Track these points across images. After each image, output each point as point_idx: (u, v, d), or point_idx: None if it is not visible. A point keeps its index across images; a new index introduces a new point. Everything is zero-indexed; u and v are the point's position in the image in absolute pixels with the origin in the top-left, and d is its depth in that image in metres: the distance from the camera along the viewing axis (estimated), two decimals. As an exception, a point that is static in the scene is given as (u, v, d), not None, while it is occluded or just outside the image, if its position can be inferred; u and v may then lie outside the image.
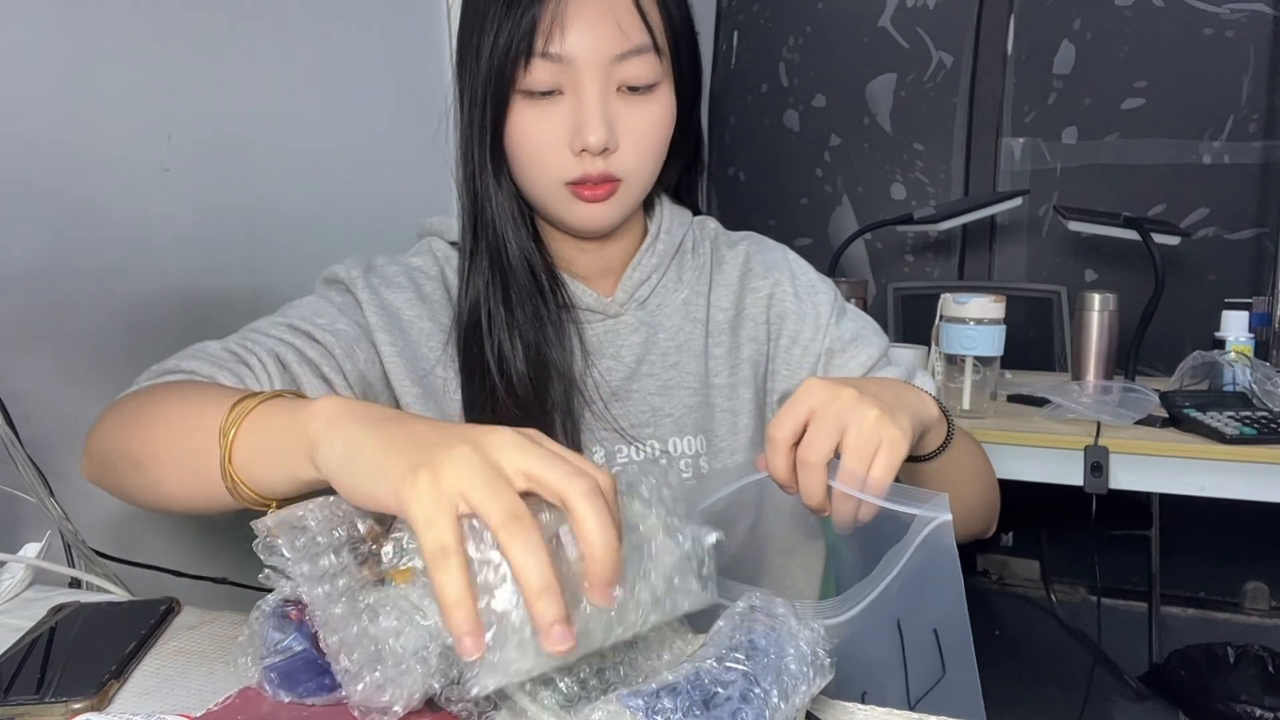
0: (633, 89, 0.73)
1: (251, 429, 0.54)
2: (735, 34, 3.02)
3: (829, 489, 0.61)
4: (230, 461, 0.54)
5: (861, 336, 0.87)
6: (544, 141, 0.73)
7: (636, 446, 0.80)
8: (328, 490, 0.50)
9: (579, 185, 0.74)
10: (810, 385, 0.63)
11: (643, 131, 0.74)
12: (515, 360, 0.76)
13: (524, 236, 0.79)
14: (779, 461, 0.63)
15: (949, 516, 0.59)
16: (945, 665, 0.62)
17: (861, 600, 0.59)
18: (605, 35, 0.70)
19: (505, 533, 0.42)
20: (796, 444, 0.62)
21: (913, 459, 0.73)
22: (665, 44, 0.74)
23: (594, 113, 0.71)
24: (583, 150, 0.72)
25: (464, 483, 0.43)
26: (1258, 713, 1.84)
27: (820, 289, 0.88)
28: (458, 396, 0.79)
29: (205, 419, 0.56)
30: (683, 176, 0.88)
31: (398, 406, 0.78)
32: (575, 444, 0.77)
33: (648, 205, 0.87)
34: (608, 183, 0.74)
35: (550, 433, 0.76)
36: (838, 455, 0.61)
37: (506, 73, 0.71)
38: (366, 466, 0.47)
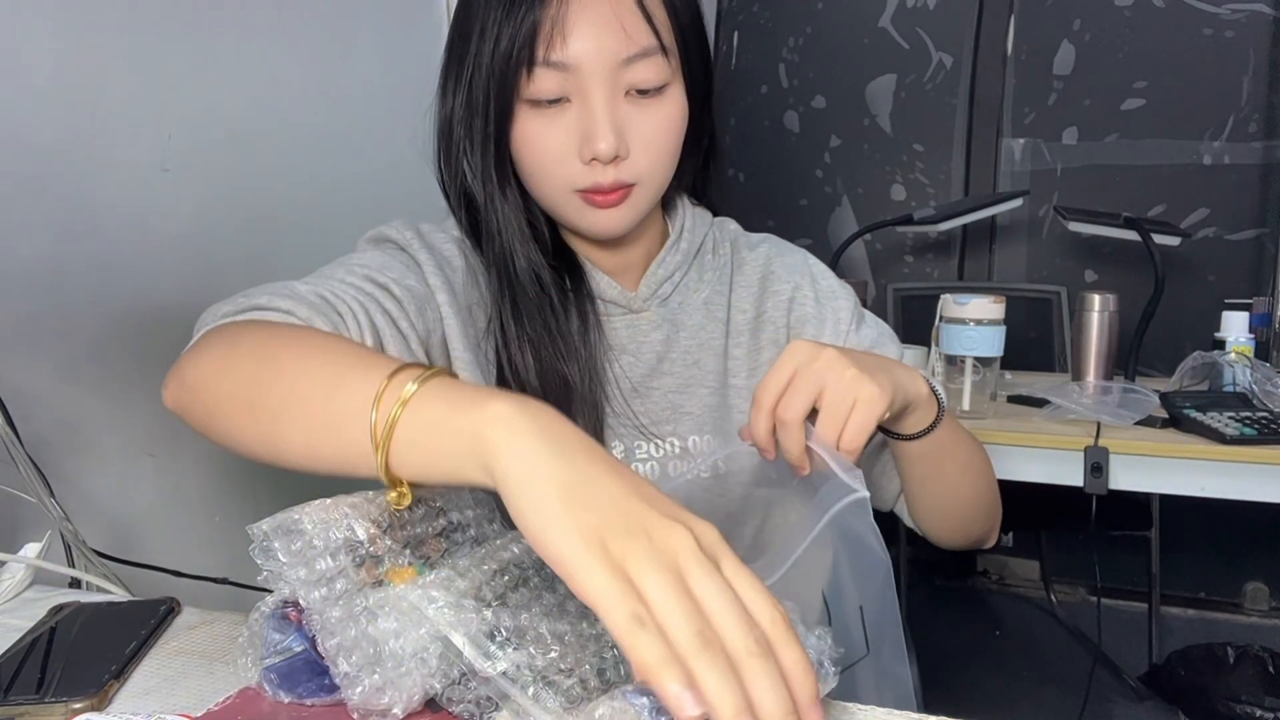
0: (641, 92, 0.71)
1: (415, 414, 0.48)
2: (735, 34, 3.02)
3: (809, 450, 0.63)
4: (389, 440, 0.48)
5: (879, 345, 0.87)
6: (552, 150, 0.71)
7: (656, 443, 0.80)
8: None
9: (591, 192, 0.73)
10: (794, 347, 0.65)
11: (654, 135, 0.72)
12: (529, 375, 0.75)
13: (531, 249, 0.77)
14: (760, 423, 0.64)
15: (865, 493, 0.60)
16: (869, 645, 0.63)
17: (782, 566, 0.60)
18: (609, 40, 0.68)
19: (696, 659, 0.38)
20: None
21: (898, 436, 0.74)
22: (673, 43, 0.72)
23: (602, 121, 0.69)
24: (593, 159, 0.70)
25: (649, 586, 0.40)
26: (1258, 713, 1.84)
27: (841, 295, 0.88)
28: None
29: (350, 382, 0.51)
30: (698, 174, 0.87)
31: (451, 368, 0.75)
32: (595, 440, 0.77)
33: (668, 205, 0.86)
34: (620, 189, 0.73)
35: None
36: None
37: (509, 81, 0.70)
38: (542, 508, 0.42)
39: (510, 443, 0.44)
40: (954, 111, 2.78)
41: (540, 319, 0.76)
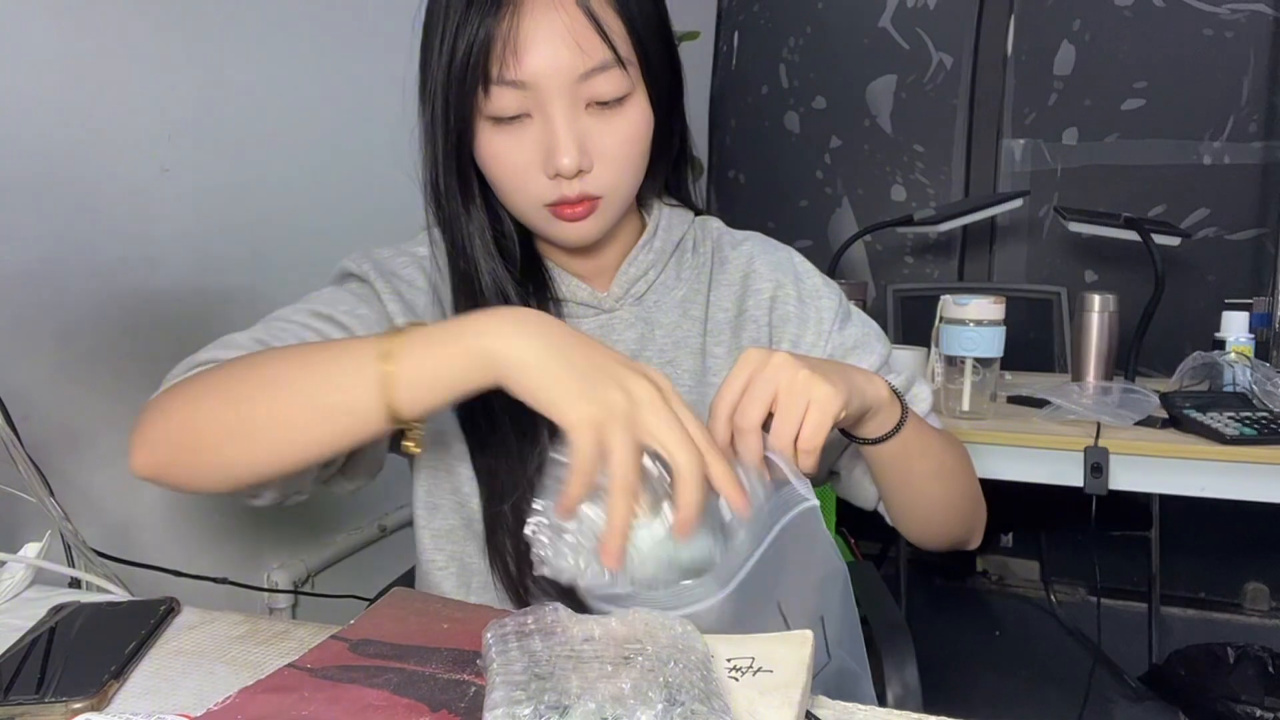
0: (602, 104, 0.70)
1: (410, 357, 0.57)
2: (735, 35, 3.02)
3: (767, 460, 0.62)
4: (392, 389, 0.57)
5: (863, 344, 0.86)
6: (517, 166, 0.71)
7: None
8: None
9: (558, 206, 0.72)
10: (746, 355, 0.65)
11: (617, 147, 0.72)
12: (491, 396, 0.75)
13: (497, 264, 0.77)
14: (717, 433, 0.64)
15: (815, 502, 0.60)
16: (830, 653, 0.63)
17: (733, 580, 0.59)
18: (564, 56, 0.67)
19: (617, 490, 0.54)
20: None
21: (862, 441, 0.74)
22: (631, 53, 0.70)
23: (564, 137, 0.68)
24: (556, 174, 0.70)
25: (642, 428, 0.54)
26: (1258, 713, 1.84)
27: (824, 293, 0.87)
28: None
29: (336, 363, 0.60)
30: (672, 175, 0.86)
31: None
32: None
33: (644, 204, 0.85)
34: (586, 201, 0.72)
35: (537, 444, 0.74)
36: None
37: (465, 98, 0.69)
38: (549, 388, 0.55)
39: (509, 349, 0.56)
40: (954, 112, 2.78)
41: None
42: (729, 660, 0.54)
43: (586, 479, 0.54)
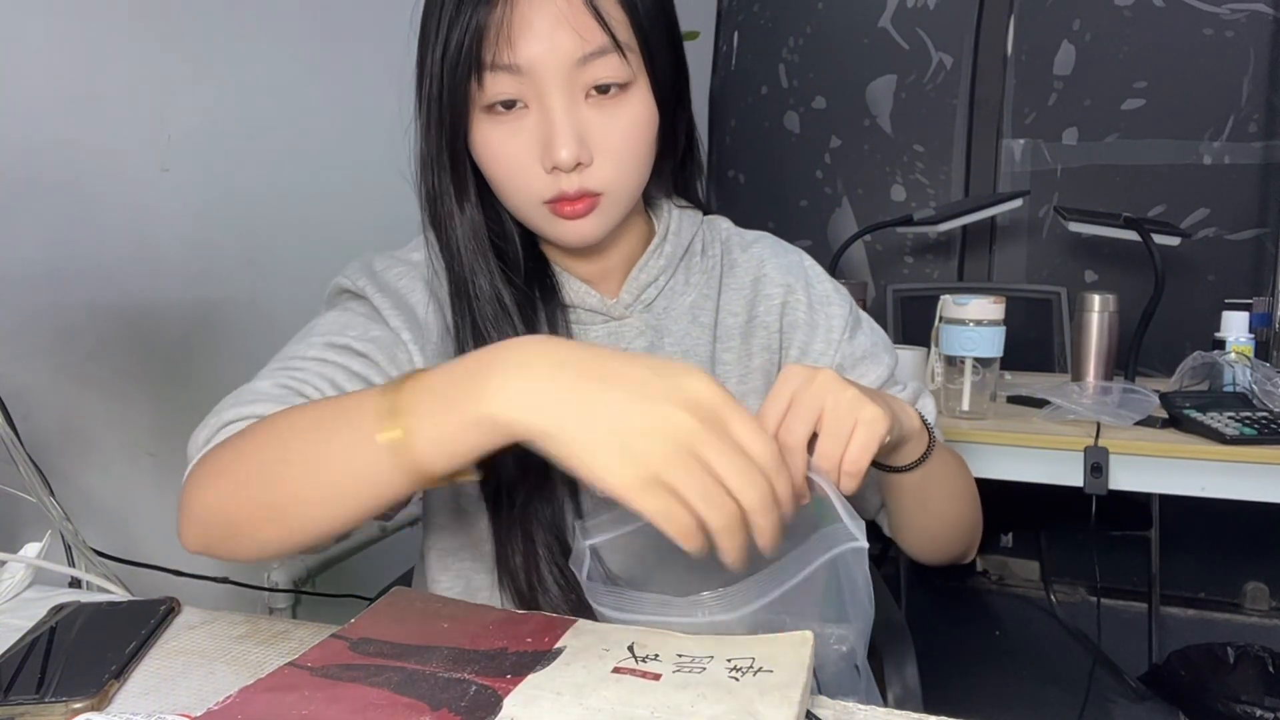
0: (602, 90, 0.67)
1: (422, 422, 0.52)
2: (735, 34, 3.02)
3: (809, 480, 0.61)
4: (412, 457, 0.52)
5: (872, 355, 0.84)
6: (514, 159, 0.69)
7: None
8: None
9: (557, 203, 0.70)
10: (789, 371, 0.63)
11: (618, 139, 0.69)
12: None
13: (493, 266, 0.74)
14: None
15: (865, 544, 0.57)
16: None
17: (756, 601, 0.56)
18: (561, 41, 0.65)
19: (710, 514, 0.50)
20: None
21: (891, 469, 0.73)
22: (632, 39, 0.68)
23: (562, 126, 0.66)
24: (554, 167, 0.67)
25: (679, 485, 0.49)
26: (1258, 713, 1.84)
27: (835, 300, 0.85)
28: None
29: (345, 435, 0.54)
30: (679, 174, 0.84)
31: None
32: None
33: (652, 206, 0.83)
34: (586, 198, 0.69)
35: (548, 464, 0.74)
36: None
37: (459, 89, 0.67)
38: (584, 457, 0.49)
39: (523, 418, 0.50)
40: (954, 112, 2.78)
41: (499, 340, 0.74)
42: (729, 660, 0.54)
43: (683, 534, 0.49)
